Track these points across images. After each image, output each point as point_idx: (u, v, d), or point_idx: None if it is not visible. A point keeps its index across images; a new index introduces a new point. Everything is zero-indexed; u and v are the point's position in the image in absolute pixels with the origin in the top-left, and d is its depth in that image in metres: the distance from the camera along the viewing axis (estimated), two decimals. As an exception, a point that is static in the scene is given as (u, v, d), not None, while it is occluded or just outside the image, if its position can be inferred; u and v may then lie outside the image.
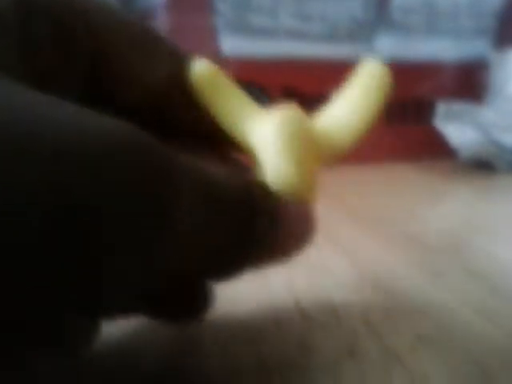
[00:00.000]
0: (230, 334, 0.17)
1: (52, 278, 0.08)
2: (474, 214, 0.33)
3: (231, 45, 0.43)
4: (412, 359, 0.15)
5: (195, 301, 0.14)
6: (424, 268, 0.22)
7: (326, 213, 0.33)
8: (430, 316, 0.17)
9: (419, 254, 0.24)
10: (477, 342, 0.16)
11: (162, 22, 0.42)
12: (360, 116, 0.15)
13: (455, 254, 0.24)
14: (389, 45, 0.47)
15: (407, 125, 0.50)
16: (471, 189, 0.39)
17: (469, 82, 0.51)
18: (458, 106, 0.45)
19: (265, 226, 0.12)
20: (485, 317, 0.17)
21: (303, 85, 0.46)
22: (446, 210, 0.34)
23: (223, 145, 0.16)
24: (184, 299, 0.14)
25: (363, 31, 0.46)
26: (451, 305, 0.18)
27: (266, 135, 0.14)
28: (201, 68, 0.14)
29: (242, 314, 0.18)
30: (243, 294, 0.20)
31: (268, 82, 0.44)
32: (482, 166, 0.44)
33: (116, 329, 0.17)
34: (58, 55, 0.12)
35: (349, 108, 0.15)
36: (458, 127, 0.44)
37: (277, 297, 0.19)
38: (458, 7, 0.49)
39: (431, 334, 0.16)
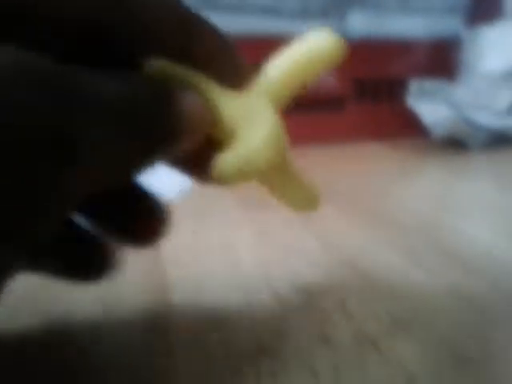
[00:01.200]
0: (200, 318, 0.16)
1: None
2: (446, 193, 0.32)
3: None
4: (387, 345, 0.14)
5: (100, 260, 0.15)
6: (397, 248, 0.22)
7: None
8: (405, 298, 0.17)
9: (393, 234, 0.24)
10: (452, 325, 0.15)
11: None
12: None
13: (428, 233, 0.24)
14: (361, 22, 0.47)
15: (380, 103, 0.50)
16: (444, 167, 0.39)
17: (441, 60, 0.51)
18: (430, 84, 0.45)
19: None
20: (459, 298, 0.17)
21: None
22: (418, 188, 0.34)
23: None
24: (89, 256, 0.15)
25: (336, 8, 0.45)
26: (426, 286, 0.18)
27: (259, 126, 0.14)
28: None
29: (214, 298, 0.18)
30: (215, 278, 0.19)
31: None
32: (455, 144, 0.44)
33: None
34: None
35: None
36: (430, 105, 0.43)
37: (249, 280, 0.19)
38: (431, -17, 0.49)
39: (406, 317, 0.16)
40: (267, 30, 0.44)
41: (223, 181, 0.13)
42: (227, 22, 0.42)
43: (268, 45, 0.48)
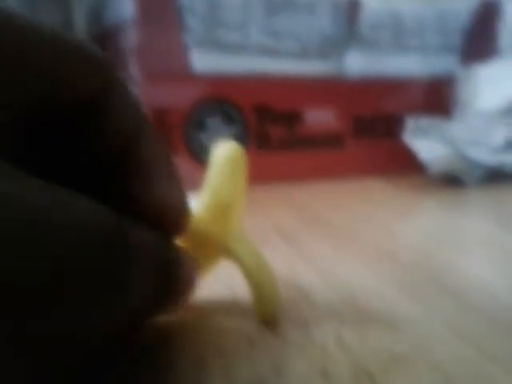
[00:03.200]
0: (200, 350, 0.16)
1: None
2: (443, 229, 0.33)
3: (202, 61, 0.43)
4: (385, 380, 0.14)
5: None
6: (396, 284, 0.22)
7: (297, 227, 0.33)
8: (404, 333, 0.17)
9: (391, 270, 0.24)
10: (451, 361, 0.16)
11: (130, 38, 0.41)
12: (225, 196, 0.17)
13: (427, 269, 0.24)
14: (358, 61, 0.48)
15: (378, 140, 0.50)
16: (441, 203, 0.40)
17: (437, 98, 0.52)
18: (426, 121, 0.46)
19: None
20: (458, 334, 0.17)
21: (275, 102, 0.46)
22: (416, 224, 0.35)
23: None
24: None
25: (333, 48, 0.47)
26: (425, 322, 0.18)
27: None
28: None
29: (214, 331, 0.18)
30: (215, 310, 0.19)
31: (240, 99, 0.44)
32: (451, 180, 0.45)
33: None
34: None
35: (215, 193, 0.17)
36: (426, 142, 0.44)
37: (248, 313, 0.19)
38: (425, 23, 0.50)
39: (405, 352, 0.16)
40: (266, 70, 0.45)
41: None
42: (228, 62, 0.43)
43: (268, 85, 0.49)
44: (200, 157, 0.44)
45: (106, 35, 0.50)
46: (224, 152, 0.18)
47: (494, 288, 0.22)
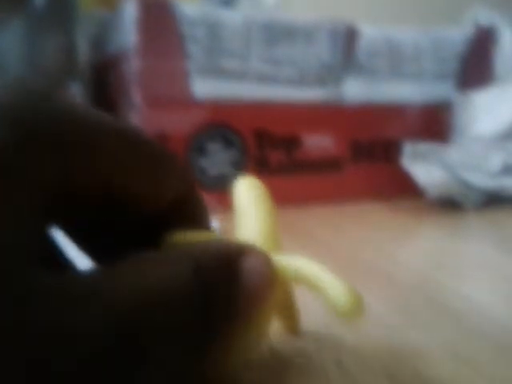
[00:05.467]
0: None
1: None
2: (443, 253, 0.33)
3: (203, 88, 0.44)
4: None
5: None
6: (396, 308, 0.22)
7: (295, 250, 0.33)
8: (404, 357, 0.18)
9: (391, 294, 0.24)
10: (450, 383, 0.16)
11: (133, 66, 0.42)
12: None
13: (426, 292, 0.24)
14: (356, 88, 0.49)
15: (375, 164, 0.51)
16: (439, 227, 0.40)
17: (433, 123, 0.52)
18: (423, 146, 0.46)
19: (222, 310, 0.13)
20: (459, 359, 0.17)
21: (274, 127, 0.46)
22: (415, 248, 0.35)
23: None
24: None
25: (331, 75, 0.48)
26: (425, 346, 0.18)
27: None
28: None
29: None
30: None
31: (240, 125, 0.45)
32: (450, 204, 0.45)
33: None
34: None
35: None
36: (424, 167, 0.45)
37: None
38: (421, 51, 0.51)
39: (405, 376, 0.16)
40: (266, 96, 0.46)
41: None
42: (229, 88, 0.44)
43: (267, 111, 0.50)
44: (200, 181, 0.44)
45: (107, 63, 0.51)
46: (249, 187, 0.18)
47: (494, 312, 0.22)
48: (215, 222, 0.36)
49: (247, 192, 0.18)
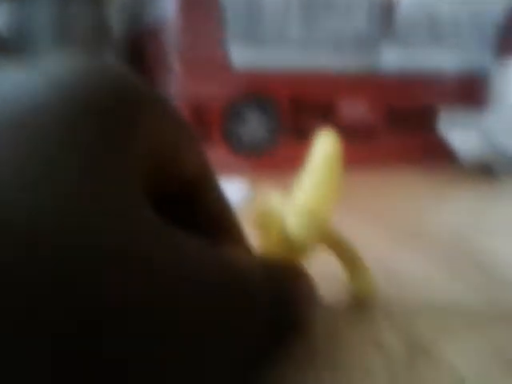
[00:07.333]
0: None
1: None
2: (477, 215, 0.34)
3: (240, 56, 0.44)
4: (436, 350, 0.15)
5: None
6: (439, 267, 0.23)
7: (339, 215, 0.34)
8: (451, 312, 0.18)
9: (432, 255, 0.25)
10: (499, 333, 0.16)
11: (171, 35, 0.43)
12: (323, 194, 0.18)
13: (467, 255, 0.25)
14: (393, 56, 0.49)
15: (411, 132, 0.51)
16: (474, 192, 0.40)
17: (471, 91, 0.52)
18: (460, 114, 0.46)
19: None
20: (500, 309, 0.18)
21: (311, 95, 0.47)
22: (451, 212, 0.35)
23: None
24: None
25: (368, 44, 0.48)
26: (466, 299, 0.19)
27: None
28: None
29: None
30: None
31: (276, 92, 0.46)
32: (485, 171, 0.46)
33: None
34: None
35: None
36: (460, 133, 0.45)
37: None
38: (460, 19, 0.50)
39: (451, 325, 0.17)
40: (303, 64, 0.46)
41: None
42: (266, 56, 0.45)
43: (304, 79, 0.50)
44: (237, 148, 0.45)
45: (145, 33, 0.52)
46: (327, 149, 0.18)
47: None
48: (247, 186, 0.37)
49: (324, 152, 0.18)
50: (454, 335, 0.16)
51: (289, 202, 0.17)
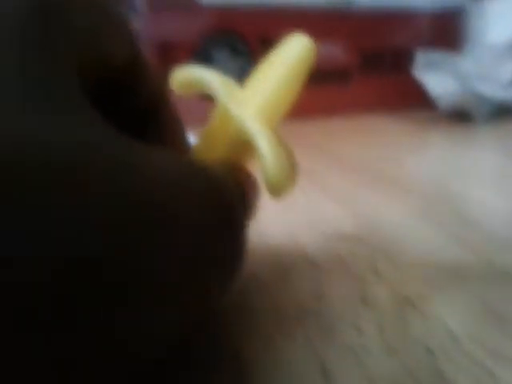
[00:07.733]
0: (241, 284, 0.17)
1: None
2: (453, 161, 0.33)
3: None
4: (425, 305, 0.15)
5: None
6: (419, 216, 0.22)
7: (312, 163, 0.33)
8: (436, 264, 0.18)
9: (412, 203, 0.24)
10: (490, 289, 0.16)
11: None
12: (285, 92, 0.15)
13: (446, 201, 0.24)
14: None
15: (385, 74, 0.50)
16: (450, 138, 0.40)
17: (446, 31, 0.51)
18: (436, 55, 0.45)
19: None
20: (486, 262, 0.18)
21: (280, 33, 0.44)
22: (428, 159, 0.35)
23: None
24: None
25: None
26: (453, 252, 0.19)
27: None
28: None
29: (248, 265, 0.18)
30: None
31: (246, 31, 0.43)
32: (460, 116, 0.45)
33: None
34: None
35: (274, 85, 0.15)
36: (437, 76, 0.44)
37: (282, 248, 0.19)
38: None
39: (441, 281, 0.16)
40: (273, 1, 0.44)
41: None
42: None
43: (273, 17, 0.47)
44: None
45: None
46: (296, 50, 0.15)
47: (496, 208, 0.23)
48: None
49: (291, 56, 0.15)
50: (441, 289, 0.16)
51: (238, 94, 0.15)
